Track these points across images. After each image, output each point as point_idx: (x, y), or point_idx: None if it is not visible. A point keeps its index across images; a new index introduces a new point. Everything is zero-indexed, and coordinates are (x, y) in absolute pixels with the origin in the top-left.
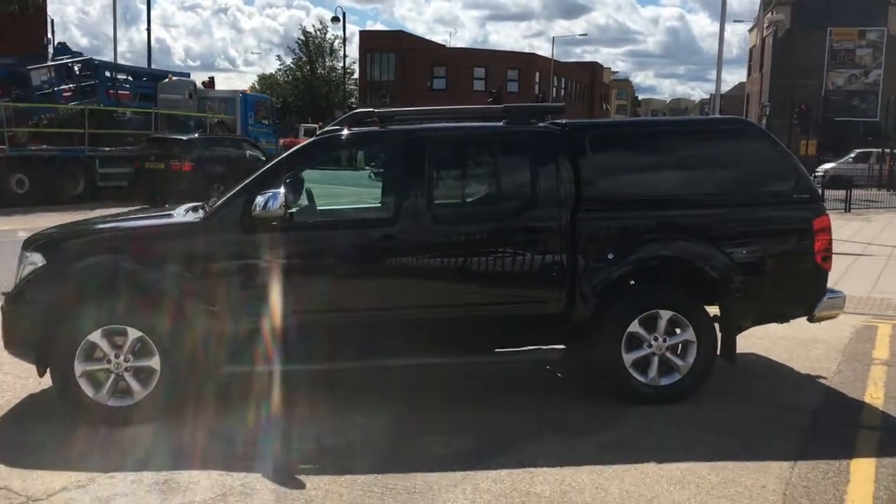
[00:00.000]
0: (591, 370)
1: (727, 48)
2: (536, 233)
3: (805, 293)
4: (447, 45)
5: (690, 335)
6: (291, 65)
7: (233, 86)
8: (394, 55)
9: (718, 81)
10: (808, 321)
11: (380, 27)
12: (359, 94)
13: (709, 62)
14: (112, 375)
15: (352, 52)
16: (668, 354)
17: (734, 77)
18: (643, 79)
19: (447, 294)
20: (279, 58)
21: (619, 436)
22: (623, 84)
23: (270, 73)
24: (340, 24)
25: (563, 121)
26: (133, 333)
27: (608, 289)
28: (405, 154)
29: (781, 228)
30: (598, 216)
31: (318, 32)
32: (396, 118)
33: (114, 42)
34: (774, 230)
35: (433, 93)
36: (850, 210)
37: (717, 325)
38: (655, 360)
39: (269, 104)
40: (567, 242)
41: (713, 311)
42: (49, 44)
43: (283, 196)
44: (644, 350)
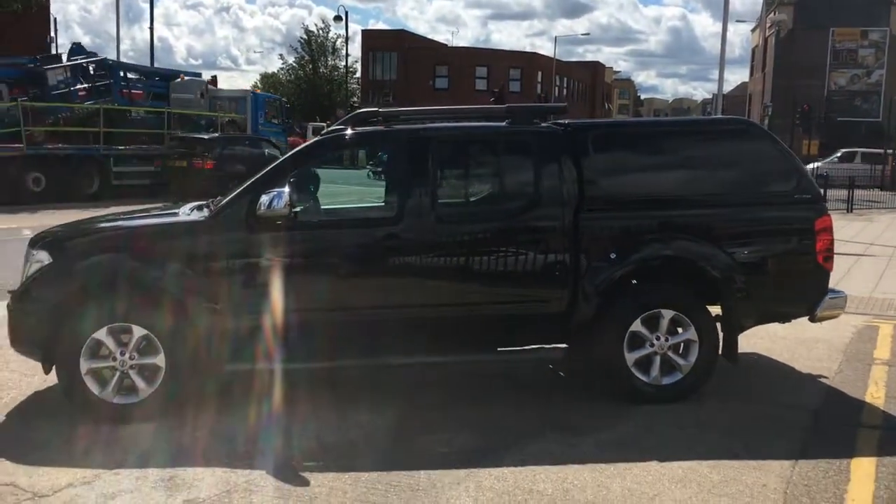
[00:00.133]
0: (594, 369)
1: (729, 48)
2: (539, 232)
3: (806, 293)
4: (449, 45)
5: (692, 334)
6: (294, 64)
7: (235, 84)
8: (396, 54)
9: (721, 81)
10: (810, 321)
11: (382, 26)
12: (361, 94)
13: (711, 62)
14: (117, 373)
15: (354, 52)
16: (670, 354)
17: (736, 77)
18: (645, 78)
19: (450, 293)
20: (281, 57)
21: (621, 434)
22: (625, 84)
23: (273, 73)
24: (343, 23)
25: (566, 121)
26: (138, 331)
27: (610, 288)
28: (409, 154)
29: (783, 228)
30: (601, 216)
31: (321, 31)
32: (400, 118)
33: (117, 41)
34: (776, 230)
35: (435, 92)
36: (853, 210)
37: (719, 325)
38: (657, 360)
39: (279, 103)
40: (570, 242)
41: (715, 311)
42: (52, 42)
43: (288, 195)
44: (646, 349)
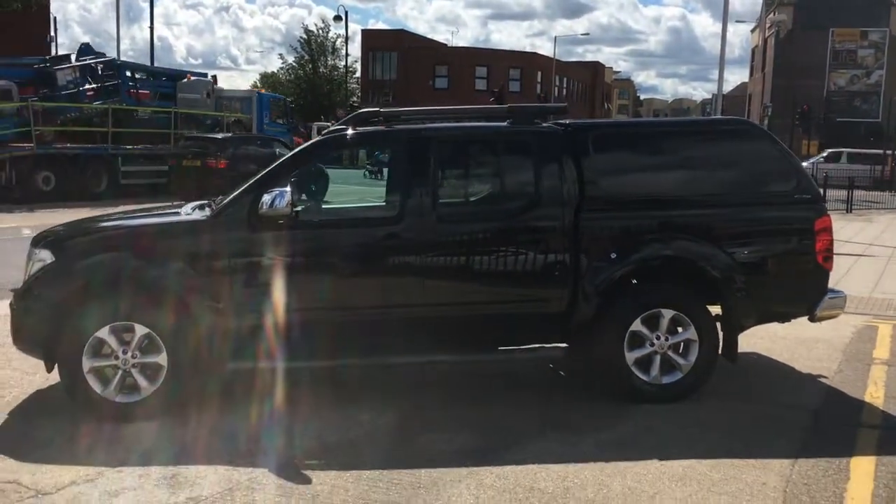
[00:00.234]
0: (594, 368)
1: (729, 48)
2: (540, 232)
3: (806, 293)
4: (449, 45)
5: (692, 334)
6: (294, 63)
7: (234, 84)
8: (396, 54)
9: (720, 82)
10: (810, 321)
11: (381, 26)
12: (361, 93)
13: (711, 62)
14: (119, 371)
15: (354, 51)
16: (671, 353)
17: (736, 77)
18: (645, 78)
19: (451, 292)
20: (281, 56)
21: (621, 433)
22: (625, 84)
23: (272, 72)
24: (342, 23)
25: (567, 121)
26: (140, 330)
27: (611, 288)
28: (410, 153)
29: (783, 228)
30: (601, 216)
31: (321, 31)
32: (401, 118)
33: (117, 40)
34: (776, 230)
35: (435, 92)
36: (852, 211)
37: (719, 325)
38: (658, 359)
39: (284, 103)
40: (570, 242)
41: (715, 311)
42: (52, 42)
43: (290, 194)
44: (646, 349)
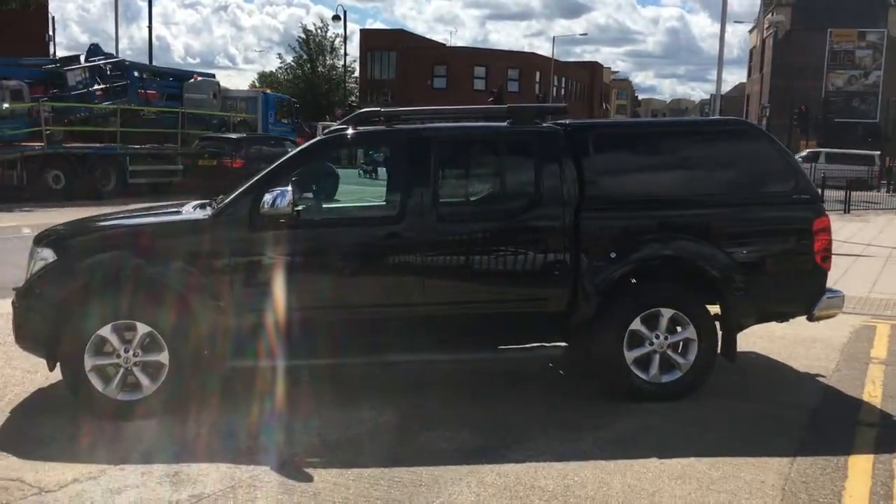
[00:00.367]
0: (594, 367)
1: (727, 49)
2: (540, 232)
3: (805, 292)
4: (447, 44)
5: (691, 333)
6: (292, 63)
7: (233, 84)
8: (394, 54)
9: (719, 82)
10: (808, 320)
11: (380, 26)
12: (359, 93)
13: (709, 63)
14: (121, 370)
15: (352, 51)
16: (670, 352)
17: (734, 77)
18: (643, 79)
19: (451, 291)
20: (280, 56)
21: (621, 432)
22: (623, 84)
23: (271, 72)
24: (341, 23)
25: (567, 121)
26: (142, 328)
27: (610, 287)
28: (411, 153)
29: (782, 228)
30: (601, 216)
31: (319, 31)
32: (402, 118)
33: (115, 39)
34: (775, 230)
35: (433, 92)
36: (850, 211)
37: (718, 324)
38: (657, 358)
39: (289, 104)
40: (570, 241)
41: (714, 310)
42: (50, 41)
43: (291, 194)
44: (646, 348)
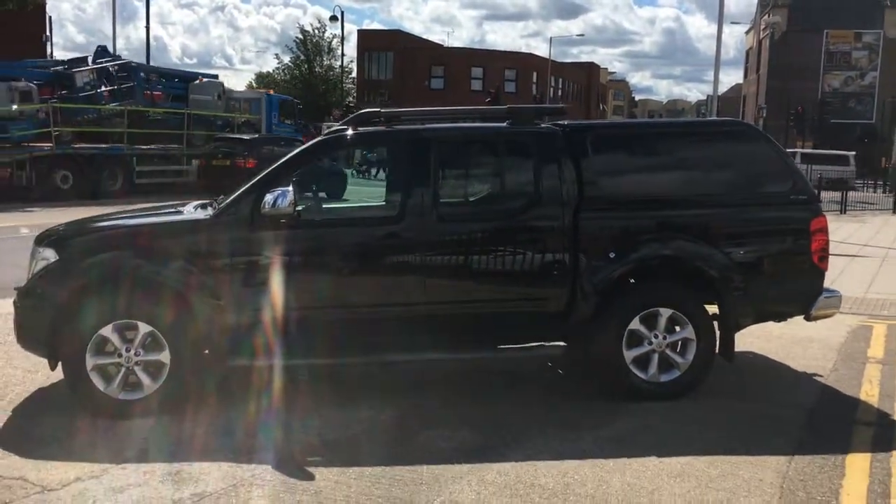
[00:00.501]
0: (593, 367)
1: (724, 49)
2: (539, 232)
3: (802, 292)
4: (445, 45)
5: (690, 333)
6: (290, 63)
7: (229, 84)
8: (392, 54)
9: (716, 83)
10: (805, 320)
11: (377, 26)
12: (356, 93)
13: (705, 63)
14: (123, 369)
15: (349, 51)
16: (668, 352)
17: (730, 78)
18: (640, 79)
19: (451, 291)
20: (277, 56)
21: (620, 431)
22: (620, 85)
23: (268, 72)
24: (338, 23)
25: (565, 122)
26: (144, 328)
27: (609, 287)
28: (411, 154)
29: (779, 229)
30: (600, 216)
31: (317, 31)
32: (402, 118)
33: (112, 39)
34: (772, 230)
35: (431, 92)
36: (846, 212)
37: (716, 324)
38: (655, 358)
39: (292, 104)
40: (569, 241)
41: (712, 310)
42: (47, 41)
43: (292, 194)
44: (644, 347)
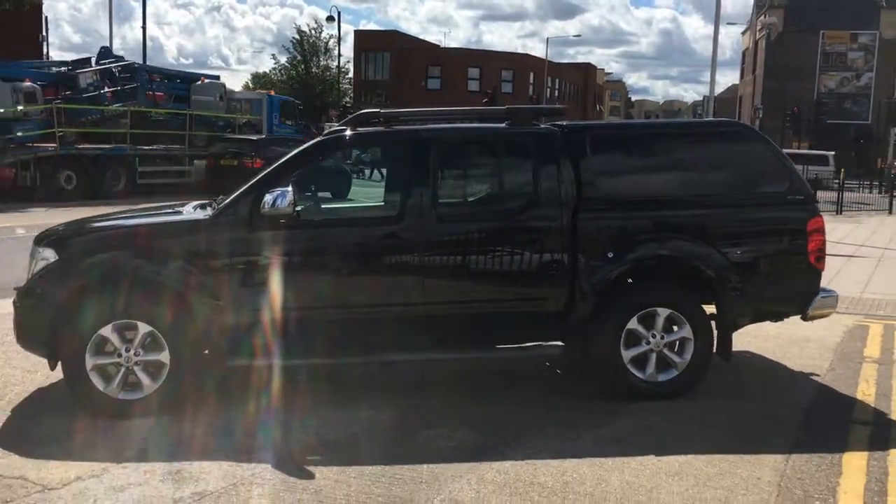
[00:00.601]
0: (591, 366)
1: (720, 50)
2: (538, 232)
3: (799, 292)
4: (441, 45)
5: (688, 332)
6: (286, 63)
7: (227, 84)
8: (388, 55)
9: (713, 84)
10: (802, 319)
11: (374, 27)
12: (353, 94)
13: (702, 64)
14: (122, 369)
15: (346, 52)
16: (666, 351)
17: (727, 79)
18: (636, 80)
19: (450, 291)
20: (273, 57)
21: (619, 430)
22: (616, 85)
23: (264, 72)
24: (335, 24)
25: (563, 122)
26: (143, 328)
27: (607, 287)
28: (410, 154)
29: (776, 229)
30: (598, 216)
31: (313, 32)
32: (401, 119)
33: (109, 39)
34: (769, 230)
35: (428, 92)
36: (842, 212)
37: (714, 323)
38: (653, 357)
39: (293, 105)
40: (568, 242)
41: (710, 310)
42: (44, 41)
43: (292, 194)
44: (642, 347)
